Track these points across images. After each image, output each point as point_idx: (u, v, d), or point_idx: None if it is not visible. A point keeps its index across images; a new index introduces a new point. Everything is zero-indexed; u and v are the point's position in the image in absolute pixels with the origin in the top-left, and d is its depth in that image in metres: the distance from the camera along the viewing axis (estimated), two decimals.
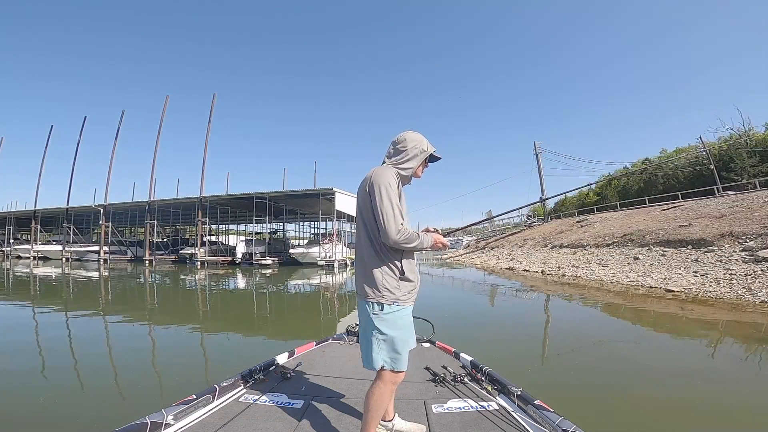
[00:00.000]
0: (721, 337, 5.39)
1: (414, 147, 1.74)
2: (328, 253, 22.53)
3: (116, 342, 5.67)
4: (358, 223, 1.74)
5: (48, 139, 34.50)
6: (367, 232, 1.67)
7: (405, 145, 1.74)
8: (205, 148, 26.38)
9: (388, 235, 1.55)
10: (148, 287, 13.45)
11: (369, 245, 1.66)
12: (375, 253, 1.65)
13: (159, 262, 26.45)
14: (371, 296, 1.62)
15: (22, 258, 31.52)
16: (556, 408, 1.84)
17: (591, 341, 5.22)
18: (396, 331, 1.61)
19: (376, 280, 1.62)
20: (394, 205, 1.57)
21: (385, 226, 1.55)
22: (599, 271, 12.64)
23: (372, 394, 1.62)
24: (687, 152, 31.26)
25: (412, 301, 1.71)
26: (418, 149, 1.75)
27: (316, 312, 8.58)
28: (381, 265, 1.63)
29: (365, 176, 1.71)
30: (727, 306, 7.18)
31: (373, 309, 1.62)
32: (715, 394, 3.31)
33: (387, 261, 1.64)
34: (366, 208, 1.65)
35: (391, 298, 1.61)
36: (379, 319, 1.61)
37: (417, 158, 1.75)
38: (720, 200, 16.22)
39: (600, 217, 23.56)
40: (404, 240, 1.57)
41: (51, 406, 3.01)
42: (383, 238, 1.58)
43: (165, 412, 1.76)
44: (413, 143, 1.75)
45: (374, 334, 1.62)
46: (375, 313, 1.61)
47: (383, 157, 1.81)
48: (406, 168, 1.73)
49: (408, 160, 1.74)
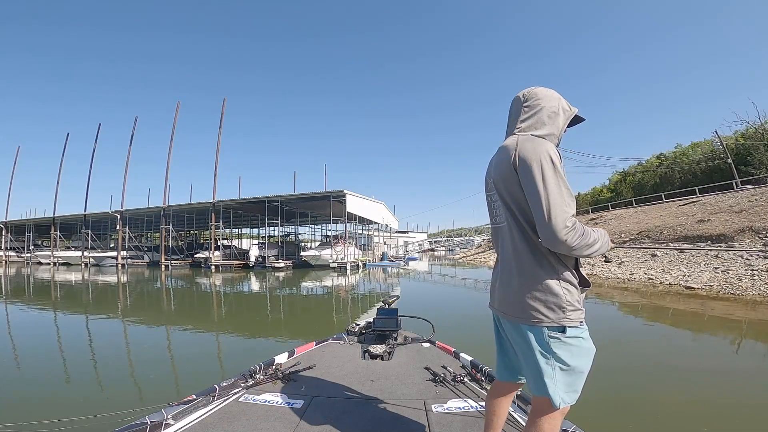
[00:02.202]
0: (743, 334, 5.28)
1: (552, 105, 1.30)
2: (340, 255, 22.61)
3: (123, 342, 5.82)
4: (502, 215, 1.31)
5: (65, 147, 35.32)
6: (521, 227, 1.24)
7: (540, 103, 1.30)
8: (217, 153, 26.73)
9: (553, 232, 1.09)
10: (165, 291, 13.71)
11: (525, 244, 1.23)
12: (540, 255, 1.21)
13: (175, 267, 26.86)
14: (546, 318, 1.18)
15: (42, 264, 32.36)
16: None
17: (604, 340, 5.10)
18: (582, 359, 1.21)
19: (550, 293, 1.18)
20: (563, 190, 1.13)
21: (549, 220, 1.09)
22: (616, 268, 12.46)
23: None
24: (703, 146, 30.59)
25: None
26: (558, 107, 1.30)
27: (331, 313, 8.65)
28: (551, 273, 1.19)
29: (502, 148, 1.29)
30: (749, 302, 7.02)
31: (549, 333, 1.19)
32: (737, 394, 3.25)
33: (558, 265, 1.20)
34: (516, 194, 1.22)
35: (576, 317, 1.19)
36: (562, 345, 1.18)
37: (561, 117, 1.30)
38: (739, 195, 15.84)
39: (615, 213, 23.21)
40: (576, 241, 1.11)
41: (51, 406, 3.13)
42: (544, 237, 1.13)
43: (165, 412, 1.77)
44: (550, 101, 1.30)
45: (549, 364, 1.20)
46: (554, 337, 1.18)
47: (509, 130, 1.36)
48: (555, 133, 1.29)
49: (552, 121, 1.29)
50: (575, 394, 1.21)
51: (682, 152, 32.41)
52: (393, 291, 12.76)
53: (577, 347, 1.19)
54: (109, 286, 15.55)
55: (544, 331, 1.19)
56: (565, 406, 1.20)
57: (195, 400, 1.93)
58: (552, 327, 1.19)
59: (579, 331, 1.19)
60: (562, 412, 1.23)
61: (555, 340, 1.18)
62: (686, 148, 32.67)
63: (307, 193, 23.26)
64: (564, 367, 1.19)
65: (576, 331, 1.19)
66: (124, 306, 9.83)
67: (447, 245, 49.95)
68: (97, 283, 16.26)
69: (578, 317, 1.19)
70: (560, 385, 1.19)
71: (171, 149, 28.41)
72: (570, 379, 1.20)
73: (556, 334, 1.18)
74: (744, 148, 25.63)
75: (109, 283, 16.42)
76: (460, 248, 44.91)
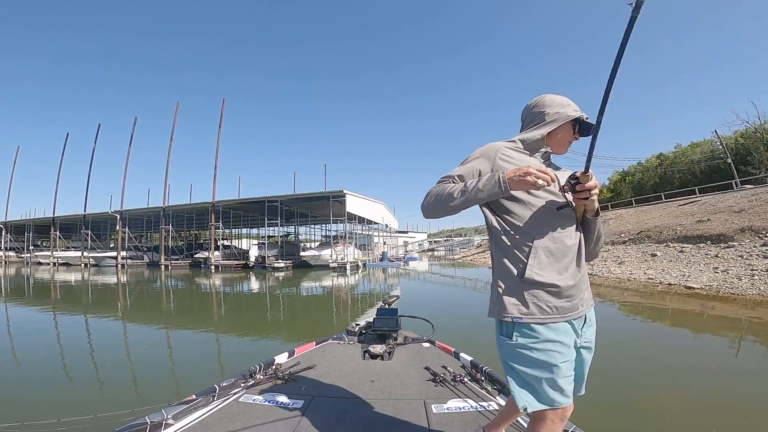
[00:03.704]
0: (743, 334, 5.29)
1: (537, 112, 1.33)
2: (340, 256, 22.62)
3: (123, 342, 5.81)
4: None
5: (64, 148, 35.36)
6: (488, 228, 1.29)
7: (533, 110, 1.34)
8: (217, 153, 26.75)
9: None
10: (165, 291, 13.71)
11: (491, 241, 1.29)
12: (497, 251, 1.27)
13: (174, 267, 26.87)
14: (496, 313, 1.21)
15: (42, 264, 32.37)
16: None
17: (604, 340, 5.06)
18: (527, 359, 1.18)
19: (497, 288, 1.23)
20: (454, 171, 1.25)
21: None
22: (615, 268, 12.47)
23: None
24: (702, 146, 30.60)
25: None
26: (544, 114, 1.31)
27: (330, 313, 8.65)
28: (501, 268, 1.23)
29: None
30: (749, 302, 7.03)
31: (500, 329, 1.23)
32: (737, 393, 3.26)
33: (508, 261, 1.22)
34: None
35: (515, 314, 1.19)
36: (505, 342, 1.21)
37: (546, 124, 1.30)
38: (738, 194, 15.86)
39: (615, 213, 23.22)
40: (425, 200, 1.23)
41: (51, 406, 3.13)
42: None
43: (165, 412, 1.77)
44: (538, 107, 1.33)
45: (504, 362, 1.22)
46: (503, 335, 1.20)
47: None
48: (530, 138, 1.30)
49: (529, 127, 1.33)
50: (548, 399, 1.12)
51: (681, 152, 32.44)
52: (393, 291, 12.76)
53: (517, 343, 1.15)
54: (108, 286, 15.55)
55: (498, 326, 1.22)
56: (560, 408, 1.14)
57: (195, 400, 1.93)
58: (501, 323, 1.19)
59: (522, 328, 1.14)
60: (560, 416, 1.16)
61: (504, 338, 1.19)
62: (686, 148, 32.68)
63: (306, 193, 23.27)
64: (514, 365, 1.17)
65: (516, 328, 1.15)
66: (124, 306, 9.83)
67: (447, 245, 49.94)
68: (97, 284, 16.25)
69: (518, 313, 1.14)
70: (518, 385, 1.16)
71: (171, 149, 28.46)
72: (523, 380, 1.15)
73: (504, 331, 1.19)
74: (744, 147, 25.66)
75: (108, 284, 16.42)
76: (460, 248, 44.92)
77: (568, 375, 1.15)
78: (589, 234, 1.29)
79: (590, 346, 1.27)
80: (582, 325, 1.23)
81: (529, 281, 1.14)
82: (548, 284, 1.14)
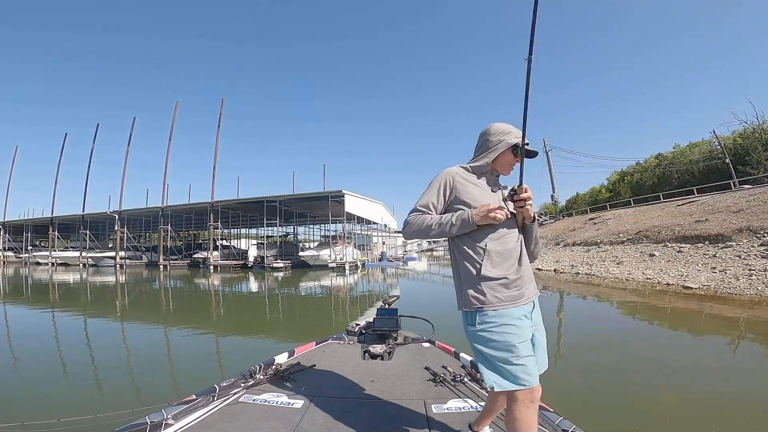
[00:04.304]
0: (741, 334, 5.31)
1: (484, 140, 1.58)
2: (339, 256, 22.61)
3: (122, 342, 5.81)
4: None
5: (62, 148, 35.29)
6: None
7: (481, 138, 1.60)
8: (215, 153, 26.71)
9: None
10: (164, 291, 13.69)
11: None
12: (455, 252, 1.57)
13: (173, 267, 26.83)
14: (460, 303, 1.51)
15: (41, 264, 32.26)
16: (562, 409, 1.84)
17: (603, 340, 5.16)
18: (488, 342, 1.46)
19: (458, 281, 1.55)
20: (421, 198, 1.55)
21: None
22: (614, 268, 12.49)
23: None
24: (701, 147, 30.69)
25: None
26: (489, 141, 1.56)
27: (330, 313, 8.65)
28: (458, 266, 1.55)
29: None
30: (747, 302, 7.05)
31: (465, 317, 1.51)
32: (735, 393, 3.27)
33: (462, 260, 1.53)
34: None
35: (474, 303, 1.48)
36: (470, 329, 1.48)
37: (491, 151, 1.55)
38: (736, 194, 15.90)
39: (613, 213, 23.27)
40: (405, 229, 1.55)
41: (51, 406, 3.13)
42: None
43: (165, 412, 1.77)
44: (486, 135, 1.58)
45: (472, 345, 1.48)
46: (468, 322, 1.48)
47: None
48: (479, 164, 1.56)
49: (479, 154, 1.58)
50: (512, 376, 1.33)
51: (680, 152, 32.51)
52: (392, 291, 12.76)
53: (479, 329, 1.41)
54: (107, 286, 15.52)
55: (464, 317, 1.49)
56: (527, 390, 1.33)
57: (195, 400, 1.94)
58: (467, 314, 1.47)
59: (482, 316, 1.41)
60: (529, 397, 1.34)
61: (469, 326, 1.46)
62: (684, 149, 32.75)
63: (305, 193, 23.25)
64: (480, 349, 1.42)
65: (478, 316, 1.42)
66: (123, 306, 9.81)
67: (446, 245, 49.93)
68: (96, 284, 16.22)
69: (478, 304, 1.41)
70: (486, 367, 1.40)
71: (169, 149, 28.37)
72: (489, 361, 1.38)
73: (469, 320, 1.46)
74: (742, 148, 25.73)
75: (107, 284, 16.39)
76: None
77: (527, 355, 1.36)
78: (528, 236, 1.56)
79: (540, 328, 1.52)
80: (531, 311, 1.47)
81: (484, 277, 1.42)
82: (499, 278, 1.42)
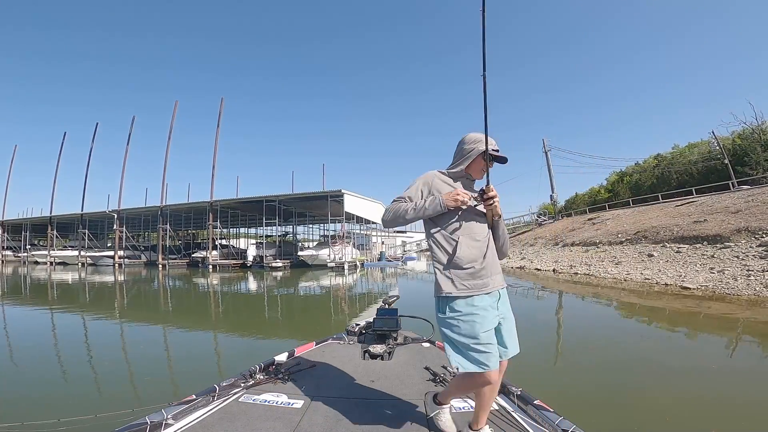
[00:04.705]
0: (739, 334, 5.32)
1: (459, 149, 1.76)
2: (338, 255, 22.60)
3: (122, 342, 5.81)
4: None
5: (61, 147, 35.25)
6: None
7: (458, 146, 1.78)
8: (215, 153, 26.69)
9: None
10: (163, 291, 13.68)
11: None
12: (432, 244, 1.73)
13: (172, 266, 26.81)
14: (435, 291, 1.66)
15: (39, 263, 32.20)
16: (562, 409, 1.84)
17: (603, 341, 5.17)
18: (451, 326, 1.64)
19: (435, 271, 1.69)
20: (404, 192, 1.73)
21: None
22: (612, 268, 12.52)
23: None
24: (700, 147, 30.74)
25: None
26: (463, 150, 1.74)
27: (329, 313, 8.66)
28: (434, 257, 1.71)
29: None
30: (745, 303, 7.07)
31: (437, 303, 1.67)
32: (735, 393, 3.28)
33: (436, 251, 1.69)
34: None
35: (444, 291, 1.64)
36: (439, 315, 1.66)
37: (465, 158, 1.73)
38: (735, 195, 15.95)
39: (612, 214, 23.31)
40: (384, 216, 1.76)
41: (51, 406, 3.13)
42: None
43: (165, 412, 1.76)
44: (461, 144, 1.76)
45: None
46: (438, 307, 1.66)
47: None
48: (456, 170, 1.75)
49: (457, 160, 1.76)
50: (474, 360, 1.49)
51: (679, 153, 32.55)
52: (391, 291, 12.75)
53: (448, 316, 1.57)
54: (106, 285, 15.50)
55: (435, 304, 1.65)
56: (486, 372, 1.49)
57: (195, 400, 1.93)
58: (438, 300, 1.62)
59: (451, 304, 1.56)
60: (488, 378, 1.52)
61: (439, 313, 1.62)
62: (683, 149, 32.80)
63: (305, 192, 23.24)
64: (447, 333, 1.57)
65: (448, 303, 1.57)
66: (123, 306, 9.80)
67: None
68: (95, 283, 16.20)
69: (448, 290, 1.56)
70: (452, 350, 1.56)
71: (168, 148, 28.33)
72: (455, 345, 1.54)
73: (440, 307, 1.62)
74: (741, 148, 25.75)
75: (106, 283, 16.37)
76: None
77: (489, 342, 1.50)
78: (496, 232, 1.71)
79: (507, 316, 1.65)
80: (497, 301, 1.62)
81: (455, 266, 1.57)
82: (467, 268, 1.56)
